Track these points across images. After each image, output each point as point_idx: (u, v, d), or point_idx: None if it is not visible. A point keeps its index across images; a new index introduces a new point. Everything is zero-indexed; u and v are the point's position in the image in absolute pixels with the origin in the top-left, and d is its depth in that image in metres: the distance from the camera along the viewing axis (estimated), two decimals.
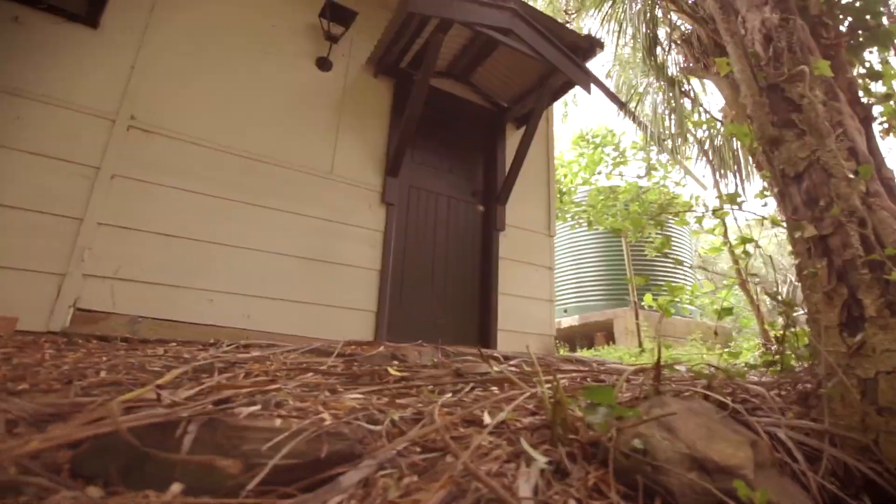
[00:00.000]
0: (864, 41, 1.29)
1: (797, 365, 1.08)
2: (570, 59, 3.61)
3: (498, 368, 1.51)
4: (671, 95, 4.62)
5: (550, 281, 4.28)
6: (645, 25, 4.50)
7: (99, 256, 2.52)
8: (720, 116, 5.30)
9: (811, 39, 1.15)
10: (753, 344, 4.66)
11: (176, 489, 0.64)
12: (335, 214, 3.31)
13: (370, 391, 1.14)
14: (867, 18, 1.27)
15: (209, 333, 2.67)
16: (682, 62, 4.98)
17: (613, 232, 6.28)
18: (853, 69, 1.22)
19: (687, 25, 4.97)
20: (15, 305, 2.27)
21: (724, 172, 5.24)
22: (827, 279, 0.96)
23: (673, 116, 5.14)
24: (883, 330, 0.91)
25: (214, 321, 2.74)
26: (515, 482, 0.61)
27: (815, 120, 1.03)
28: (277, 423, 0.77)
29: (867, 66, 1.27)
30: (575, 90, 5.43)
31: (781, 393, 0.97)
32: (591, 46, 4.40)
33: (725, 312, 1.24)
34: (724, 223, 4.39)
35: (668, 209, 6.44)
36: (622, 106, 4.70)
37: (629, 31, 5.24)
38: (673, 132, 5.21)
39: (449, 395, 1.10)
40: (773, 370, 1.14)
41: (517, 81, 4.10)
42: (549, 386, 0.95)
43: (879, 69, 1.25)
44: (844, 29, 1.29)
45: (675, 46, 4.95)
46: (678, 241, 8.42)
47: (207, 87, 3.07)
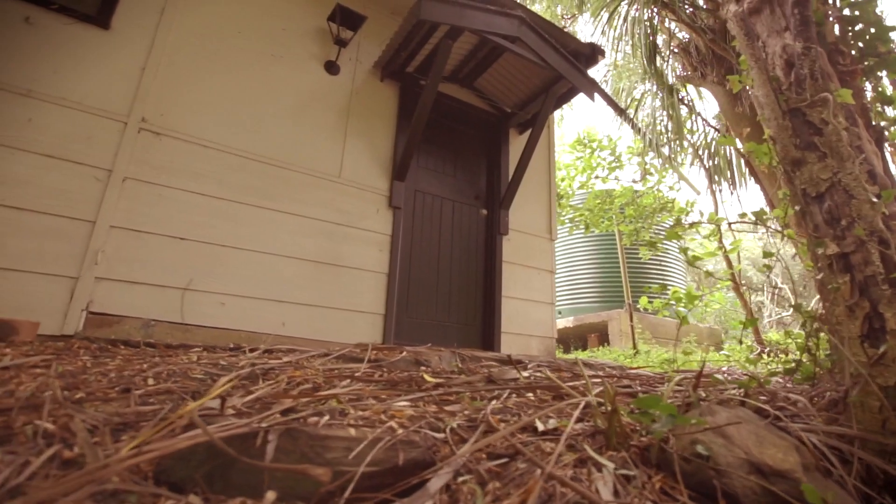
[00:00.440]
0: (874, 66, 1.37)
1: (819, 372, 1.15)
2: (574, 66, 3.69)
3: (526, 374, 1.56)
4: (670, 102, 4.73)
5: (551, 284, 4.36)
6: (646, 37, 4.60)
7: (111, 259, 2.51)
8: (715, 124, 5.44)
9: (829, 66, 1.23)
10: (746, 346, 4.81)
11: (271, 497, 0.68)
12: (344, 218, 3.34)
13: (415, 398, 1.18)
14: (878, 45, 1.36)
15: (222, 337, 2.68)
16: (679, 70, 5.10)
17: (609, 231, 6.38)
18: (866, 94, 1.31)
19: (684, 34, 5.09)
20: (29, 309, 2.25)
21: (718, 179, 5.38)
22: (850, 293, 1.03)
23: (670, 123, 5.26)
24: None
25: (226, 324, 2.75)
26: (592, 486, 0.66)
27: (836, 144, 1.10)
28: (352, 432, 0.81)
29: (879, 90, 1.35)
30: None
31: (814, 399, 1.04)
32: (592, 54, 4.48)
33: (749, 323, 1.32)
34: (719, 229, 4.51)
35: (661, 212, 6.57)
36: (621, 112, 4.80)
37: (627, 38, 5.35)
38: (669, 138, 5.33)
39: (494, 401, 1.15)
40: (796, 379, 1.22)
41: (521, 87, 4.16)
42: (595, 392, 1.01)
43: (890, 93, 1.34)
44: (855, 53, 1.38)
45: (672, 55, 5.06)
46: (670, 243, 8.59)
47: (217, 89, 3.07)
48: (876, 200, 1.01)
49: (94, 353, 1.48)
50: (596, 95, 4.03)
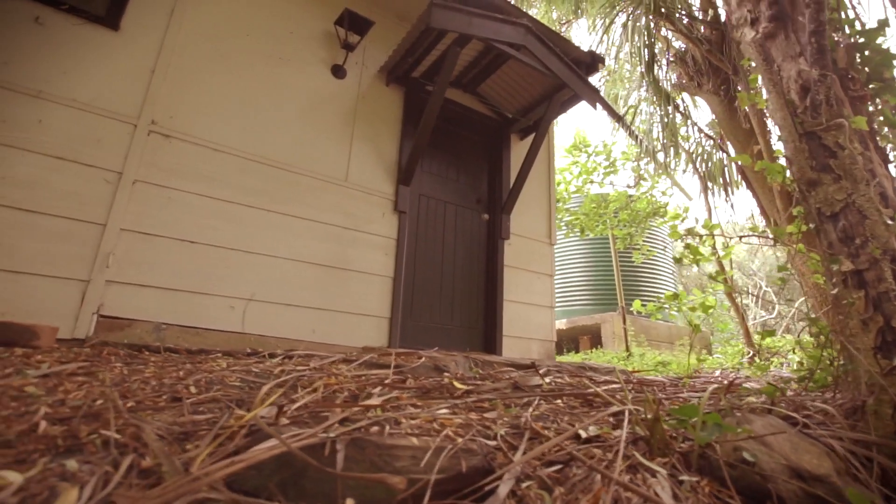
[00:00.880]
0: (878, 90, 1.46)
1: (831, 381, 1.23)
2: (577, 75, 3.76)
3: (548, 380, 1.61)
4: (668, 110, 4.85)
5: (551, 288, 4.44)
6: (645, 46, 4.71)
7: (121, 262, 2.50)
8: (709, 131, 5.59)
9: (842, 91, 1.31)
10: (737, 349, 4.95)
11: None
12: (351, 222, 3.36)
13: (452, 406, 1.22)
14: (883, 71, 1.45)
15: (232, 340, 2.68)
16: (675, 79, 5.23)
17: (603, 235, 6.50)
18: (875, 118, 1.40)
19: (680, 44, 5.22)
20: (39, 312, 2.24)
21: (710, 185, 5.52)
22: (864, 308, 1.11)
23: (665, 130, 5.38)
24: None
25: (236, 328, 2.75)
26: (651, 490, 0.72)
27: (850, 167, 1.18)
28: (415, 441, 0.85)
29: (883, 112, 1.45)
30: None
31: (838, 406, 1.12)
32: (593, 62, 4.57)
33: (767, 334, 1.39)
34: (712, 236, 4.65)
35: (654, 216, 6.71)
36: (619, 119, 4.90)
37: (626, 46, 5.46)
38: (665, 144, 5.46)
39: (530, 409, 1.20)
40: (811, 387, 1.30)
41: (524, 94, 4.23)
42: (630, 401, 1.06)
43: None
44: (861, 77, 1.47)
45: (669, 64, 5.18)
46: (660, 247, 8.76)
47: (225, 91, 3.07)
48: (890, 223, 1.09)
49: (124, 359, 1.49)
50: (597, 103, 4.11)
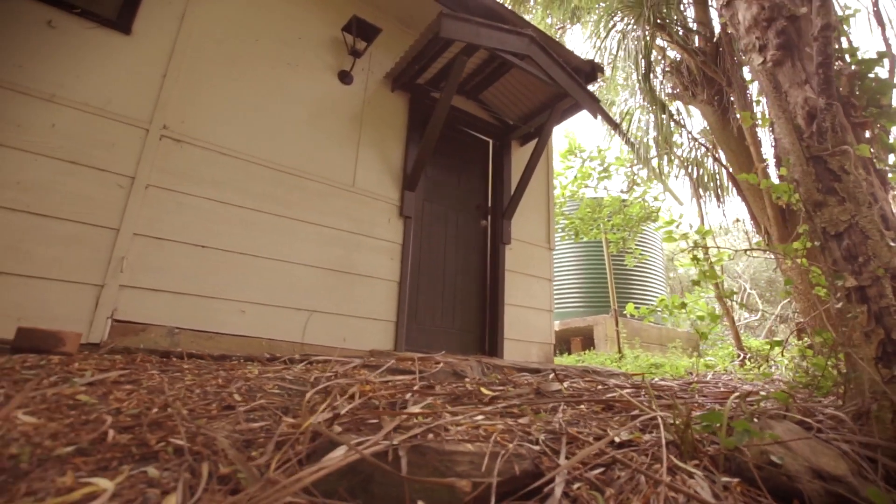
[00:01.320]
0: (876, 116, 1.58)
1: (833, 388, 1.33)
2: (579, 85, 3.86)
3: (566, 385, 1.69)
4: (663, 118, 4.99)
5: (550, 292, 4.54)
6: (642, 58, 4.84)
7: (134, 267, 2.51)
8: (702, 140, 5.75)
9: (845, 119, 1.41)
10: (727, 352, 5.12)
11: None
12: (358, 227, 3.40)
13: (486, 412, 1.29)
14: (880, 98, 1.57)
15: (243, 344, 2.71)
16: (670, 89, 5.38)
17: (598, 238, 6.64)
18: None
19: (676, 54, 5.37)
20: (53, 317, 2.24)
21: (702, 193, 5.68)
22: (867, 321, 1.21)
23: (659, 138, 5.53)
24: None
25: (247, 332, 2.78)
26: (692, 490, 0.79)
27: (854, 190, 1.28)
28: (470, 447, 0.92)
29: (880, 137, 1.56)
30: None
31: (846, 412, 1.22)
32: (592, 71, 4.69)
33: (777, 344, 1.49)
34: (705, 241, 4.79)
35: (646, 221, 6.86)
36: (616, 128, 5.02)
37: (622, 54, 5.60)
38: (658, 151, 5.60)
39: (558, 413, 1.27)
40: (817, 393, 1.40)
41: (525, 101, 4.31)
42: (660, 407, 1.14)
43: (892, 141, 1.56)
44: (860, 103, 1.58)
45: (664, 73, 5.33)
46: (651, 251, 8.96)
47: (235, 95, 3.09)
48: (892, 244, 1.20)
49: (158, 366, 1.52)
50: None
